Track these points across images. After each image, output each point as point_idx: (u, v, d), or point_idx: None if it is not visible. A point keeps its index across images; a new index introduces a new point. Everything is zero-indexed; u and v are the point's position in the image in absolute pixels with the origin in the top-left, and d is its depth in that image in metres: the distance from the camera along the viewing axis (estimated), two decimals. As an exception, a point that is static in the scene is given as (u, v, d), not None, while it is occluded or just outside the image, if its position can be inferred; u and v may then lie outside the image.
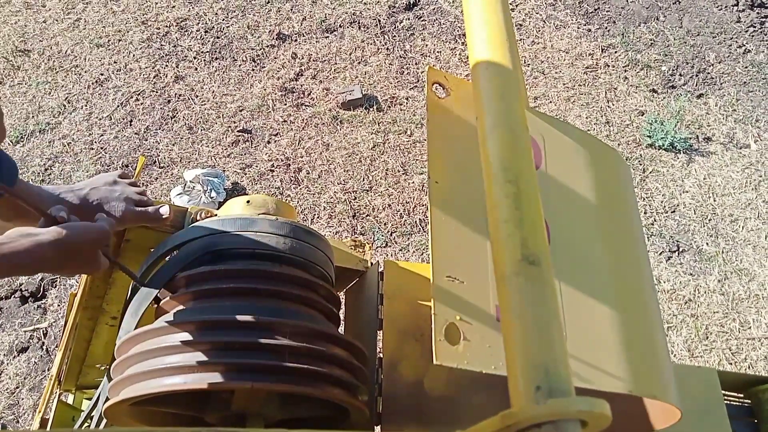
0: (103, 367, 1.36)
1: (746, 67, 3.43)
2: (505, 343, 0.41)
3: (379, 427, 1.01)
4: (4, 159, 0.88)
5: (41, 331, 2.49)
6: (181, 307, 0.92)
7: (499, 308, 0.42)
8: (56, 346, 2.41)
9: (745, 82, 3.37)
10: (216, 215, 1.05)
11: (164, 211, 1.04)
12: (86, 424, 1.07)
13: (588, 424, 0.41)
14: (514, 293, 0.41)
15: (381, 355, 1.08)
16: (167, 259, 0.97)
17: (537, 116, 0.84)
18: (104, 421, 0.92)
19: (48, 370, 2.38)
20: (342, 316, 1.18)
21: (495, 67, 0.53)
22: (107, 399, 0.85)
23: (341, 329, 1.13)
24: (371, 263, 1.24)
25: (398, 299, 1.12)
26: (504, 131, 0.47)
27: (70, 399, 1.51)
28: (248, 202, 1.03)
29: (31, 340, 2.47)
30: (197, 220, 1.05)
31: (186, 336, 0.83)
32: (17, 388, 2.35)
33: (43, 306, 2.55)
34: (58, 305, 2.53)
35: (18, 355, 2.43)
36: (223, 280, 0.92)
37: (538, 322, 0.40)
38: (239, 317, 0.84)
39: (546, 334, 0.40)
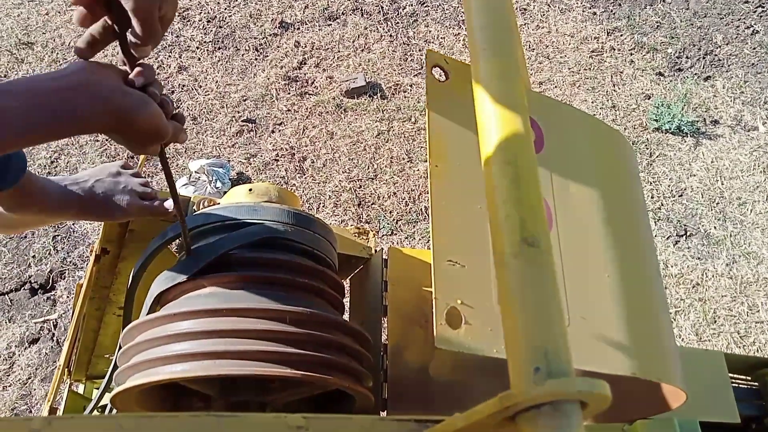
0: (111, 357, 1.37)
1: (754, 49, 3.39)
2: (503, 325, 0.41)
3: (384, 412, 1.01)
4: (13, 156, 0.89)
5: (51, 322, 2.52)
6: (187, 294, 0.92)
7: (498, 290, 0.42)
8: (66, 338, 2.44)
9: (753, 64, 3.33)
10: (218, 204, 1.05)
11: (169, 205, 1.04)
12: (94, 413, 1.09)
13: (588, 405, 0.40)
14: (512, 275, 0.41)
15: (386, 341, 1.09)
16: (220, 237, 0.93)
17: (539, 99, 0.83)
18: (113, 410, 0.93)
19: (59, 361, 2.40)
20: (347, 303, 1.18)
21: (494, 48, 0.52)
22: (111, 388, 0.86)
23: (346, 316, 1.13)
24: (375, 250, 1.24)
25: (402, 286, 1.12)
26: (502, 112, 0.47)
27: (80, 389, 1.52)
28: (250, 190, 1.03)
29: (41, 332, 2.49)
30: (200, 209, 1.06)
31: (192, 323, 0.83)
32: (29, 378, 2.38)
33: (52, 297, 2.57)
34: (67, 297, 2.56)
35: (29, 346, 2.46)
36: (229, 267, 0.92)
37: (536, 304, 0.40)
38: (245, 305, 0.84)
39: (545, 316, 0.39)
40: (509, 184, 0.43)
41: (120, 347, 1.00)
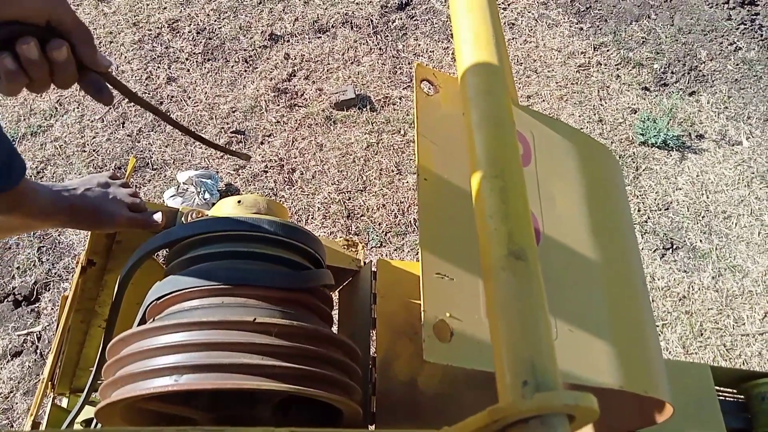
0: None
1: (737, 65, 3.45)
2: (491, 338, 0.41)
3: (373, 426, 1.01)
4: (16, 159, 0.89)
5: (35, 334, 2.48)
6: (173, 307, 0.92)
7: (486, 303, 0.42)
8: (50, 350, 2.40)
9: (736, 80, 3.39)
10: (207, 215, 1.05)
11: (157, 218, 1.04)
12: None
13: (575, 418, 0.41)
14: (499, 288, 0.41)
15: (375, 353, 1.08)
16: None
17: (526, 113, 0.84)
18: (98, 425, 0.91)
19: (42, 374, 2.36)
20: (335, 316, 1.17)
21: (481, 63, 0.53)
22: (91, 402, 0.85)
23: (335, 329, 1.13)
24: (364, 262, 1.24)
25: (391, 298, 1.12)
26: (490, 126, 0.47)
27: (64, 403, 1.50)
28: (239, 202, 1.02)
29: (24, 344, 2.46)
30: (188, 221, 1.05)
31: (177, 337, 0.83)
32: (11, 392, 2.34)
33: (36, 309, 2.54)
34: (52, 309, 2.52)
35: (12, 359, 2.42)
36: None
37: (524, 317, 0.40)
38: (231, 317, 0.84)
39: (532, 329, 0.40)
40: (497, 198, 0.43)
41: (99, 360, 0.99)
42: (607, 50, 3.47)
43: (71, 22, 0.65)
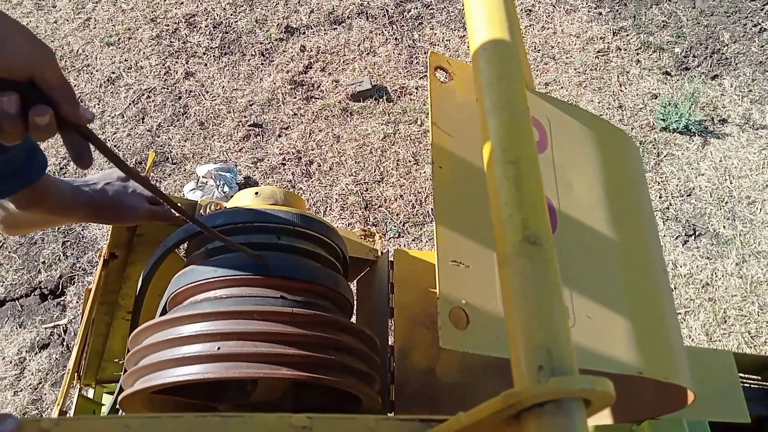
0: (121, 362, 1.38)
1: (762, 47, 3.37)
2: (506, 324, 0.41)
3: (391, 414, 1.02)
4: (37, 155, 0.91)
5: (61, 327, 2.53)
6: (194, 298, 0.93)
7: (501, 289, 0.42)
8: (75, 342, 2.45)
9: (760, 62, 3.31)
10: (225, 207, 1.06)
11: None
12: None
13: (592, 403, 0.40)
14: (515, 273, 0.41)
15: (393, 343, 1.09)
16: None
17: (543, 99, 0.83)
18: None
19: (68, 365, 2.42)
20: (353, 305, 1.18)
21: (495, 48, 0.52)
22: (121, 390, 0.87)
23: (353, 318, 1.14)
24: (381, 252, 1.24)
25: (409, 287, 1.13)
26: (504, 112, 0.47)
27: (90, 393, 1.53)
28: (257, 193, 1.03)
29: (51, 337, 2.51)
30: (207, 213, 1.06)
31: (201, 326, 0.84)
32: (40, 383, 2.40)
33: (62, 303, 2.59)
34: (77, 302, 2.57)
35: (40, 351, 2.48)
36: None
37: (539, 302, 0.40)
38: (252, 307, 0.85)
39: (547, 314, 0.40)
40: (511, 184, 0.43)
41: (128, 351, 1.01)
42: (627, 35, 3.41)
43: (55, 80, 0.59)
